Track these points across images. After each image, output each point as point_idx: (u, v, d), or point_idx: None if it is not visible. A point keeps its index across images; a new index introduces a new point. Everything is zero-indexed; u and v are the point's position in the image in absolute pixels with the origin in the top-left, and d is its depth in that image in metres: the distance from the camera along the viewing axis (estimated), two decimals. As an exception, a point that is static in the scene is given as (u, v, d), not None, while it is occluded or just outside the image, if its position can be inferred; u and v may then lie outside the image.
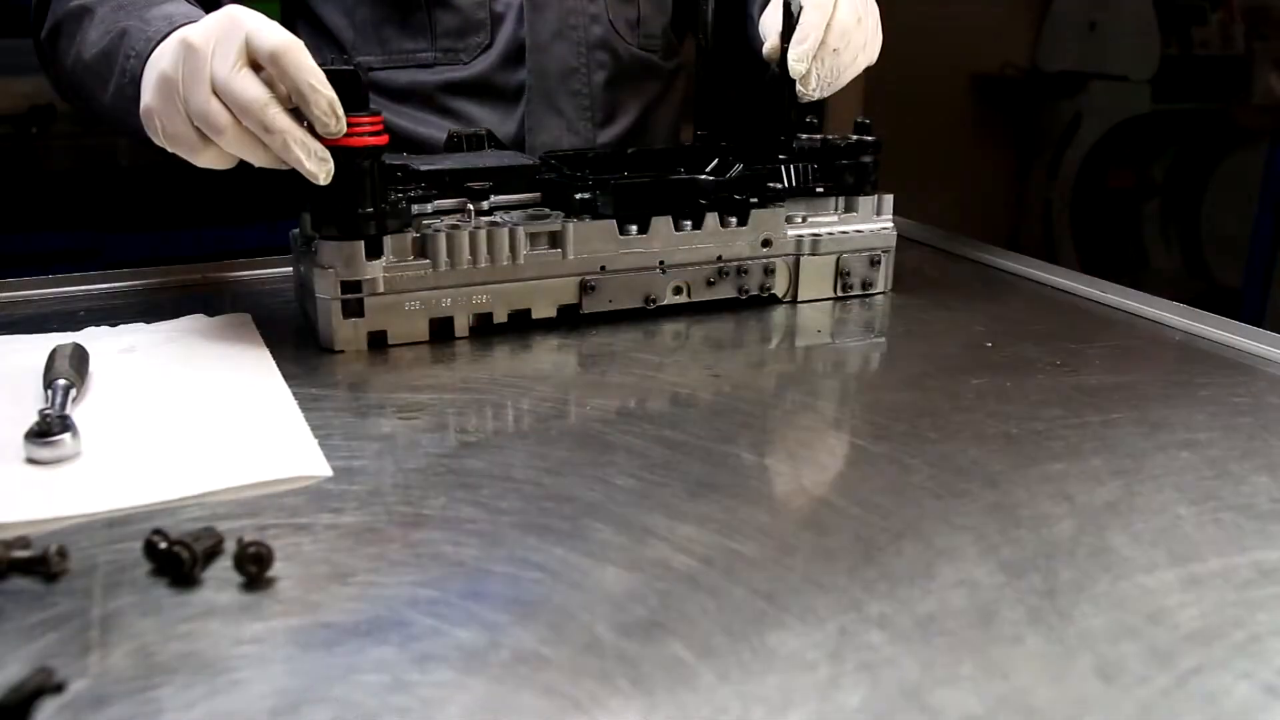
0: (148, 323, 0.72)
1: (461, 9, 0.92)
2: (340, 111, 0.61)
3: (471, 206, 0.74)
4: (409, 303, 0.69)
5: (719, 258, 0.77)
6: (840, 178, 0.81)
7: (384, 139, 0.65)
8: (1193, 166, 2.60)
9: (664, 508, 0.48)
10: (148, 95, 0.63)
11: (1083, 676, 0.37)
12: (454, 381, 0.64)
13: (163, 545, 0.42)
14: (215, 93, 0.59)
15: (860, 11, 0.79)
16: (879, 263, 0.83)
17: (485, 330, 0.72)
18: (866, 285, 0.83)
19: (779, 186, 0.78)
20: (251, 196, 1.63)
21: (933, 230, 1.04)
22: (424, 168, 0.73)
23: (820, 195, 0.81)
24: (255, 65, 0.60)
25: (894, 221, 0.84)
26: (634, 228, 0.75)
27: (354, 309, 0.68)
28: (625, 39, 0.98)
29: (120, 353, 0.66)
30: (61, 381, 0.57)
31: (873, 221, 0.83)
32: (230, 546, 0.43)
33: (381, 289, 0.68)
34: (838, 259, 0.81)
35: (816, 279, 0.81)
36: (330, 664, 0.37)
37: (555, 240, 0.72)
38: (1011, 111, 2.86)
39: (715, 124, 0.85)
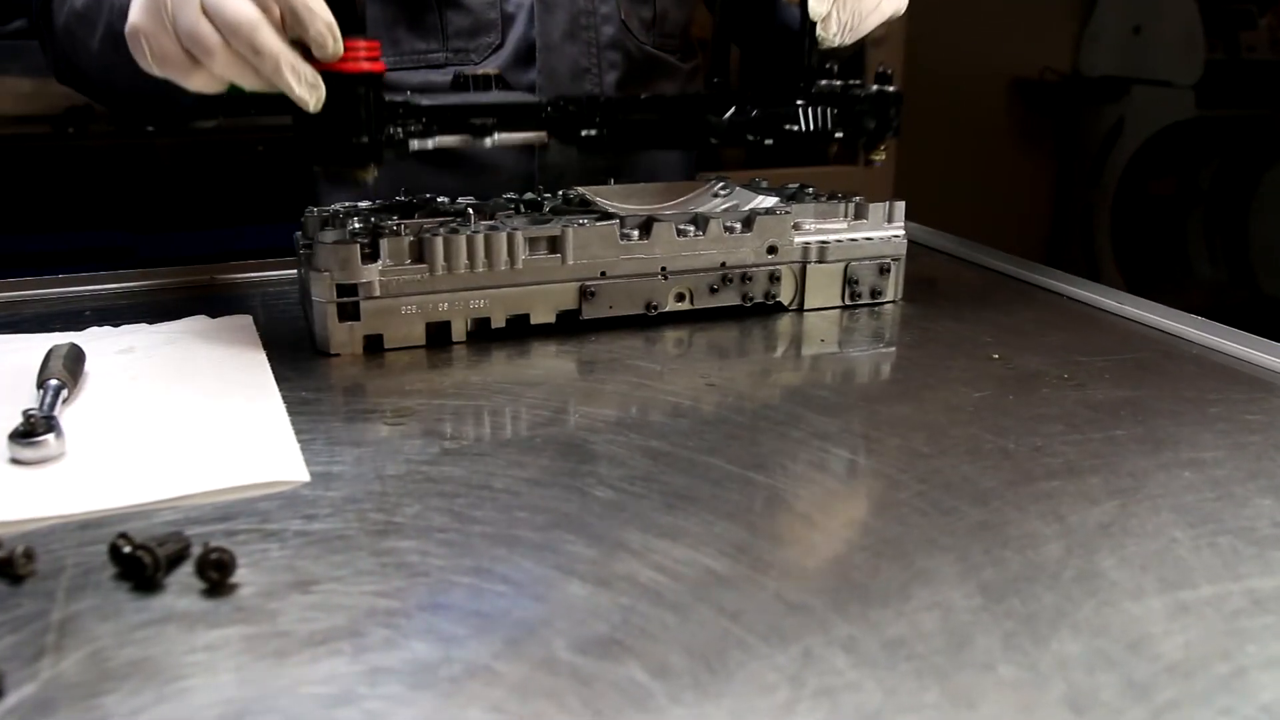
0: (151, 323, 0.73)
1: (473, 9, 0.92)
2: (337, 33, 0.59)
3: (472, 211, 0.73)
4: (405, 307, 0.68)
5: (722, 264, 0.76)
6: (859, 124, 0.77)
7: (380, 66, 0.62)
8: (1239, 174, 2.54)
9: (639, 520, 0.47)
10: (135, 13, 0.59)
11: (1052, 708, 0.36)
12: (446, 387, 0.64)
13: (127, 549, 0.42)
14: (205, 11, 0.57)
15: None
16: (889, 271, 0.81)
17: (484, 335, 0.71)
18: (876, 294, 0.81)
19: (796, 129, 0.75)
20: (284, 195, 1.64)
21: (949, 237, 1.02)
22: (426, 103, 0.68)
23: (836, 149, 0.79)
24: None
25: (907, 229, 0.82)
26: (635, 233, 0.74)
27: (350, 312, 0.67)
28: (638, 38, 0.97)
29: (118, 353, 0.67)
30: (53, 382, 0.58)
31: (883, 229, 0.81)
32: (198, 551, 0.43)
33: (378, 292, 0.67)
34: (846, 267, 0.79)
35: (824, 287, 0.80)
36: (280, 674, 0.37)
37: (554, 245, 0.71)
38: (1051, 117, 2.81)
39: (728, 71, 0.82)
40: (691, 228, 0.76)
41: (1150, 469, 0.53)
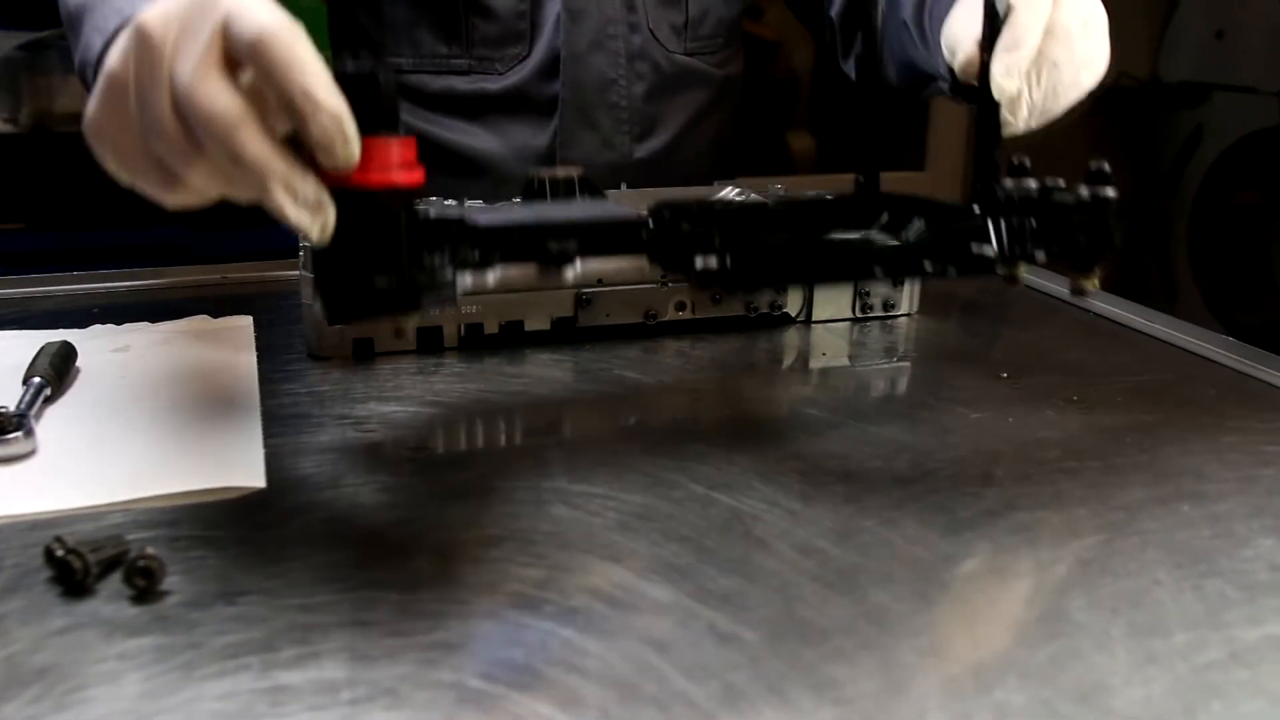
0: (153, 323, 0.73)
1: (502, 18, 0.90)
2: (351, 132, 0.41)
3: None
4: (396, 311, 0.68)
5: (726, 273, 0.74)
6: (1071, 241, 0.53)
7: (417, 176, 0.44)
8: (1326, 185, 2.42)
9: (587, 540, 0.46)
10: (93, 105, 0.44)
11: (979, 763, 0.33)
12: (426, 394, 0.63)
13: (59, 552, 0.42)
14: (176, 104, 0.41)
15: (1086, 12, 0.61)
16: (903, 282, 0.78)
17: (475, 342, 0.70)
18: (889, 306, 0.78)
19: (987, 252, 0.52)
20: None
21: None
22: (485, 221, 0.49)
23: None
24: (235, 62, 0.41)
25: (924, 240, 0.78)
26: (634, 240, 0.72)
27: (340, 315, 0.67)
28: (667, 46, 0.95)
29: (113, 352, 0.67)
30: (36, 380, 0.58)
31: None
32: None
33: (367, 297, 0.67)
34: (856, 277, 0.77)
35: (833, 298, 0.77)
36: (183, 688, 0.36)
37: (550, 251, 0.70)
38: (1127, 123, 2.71)
39: (878, 167, 0.60)
40: (693, 235, 0.74)
41: (1146, 501, 0.50)
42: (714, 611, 0.41)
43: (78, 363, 0.64)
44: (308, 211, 0.42)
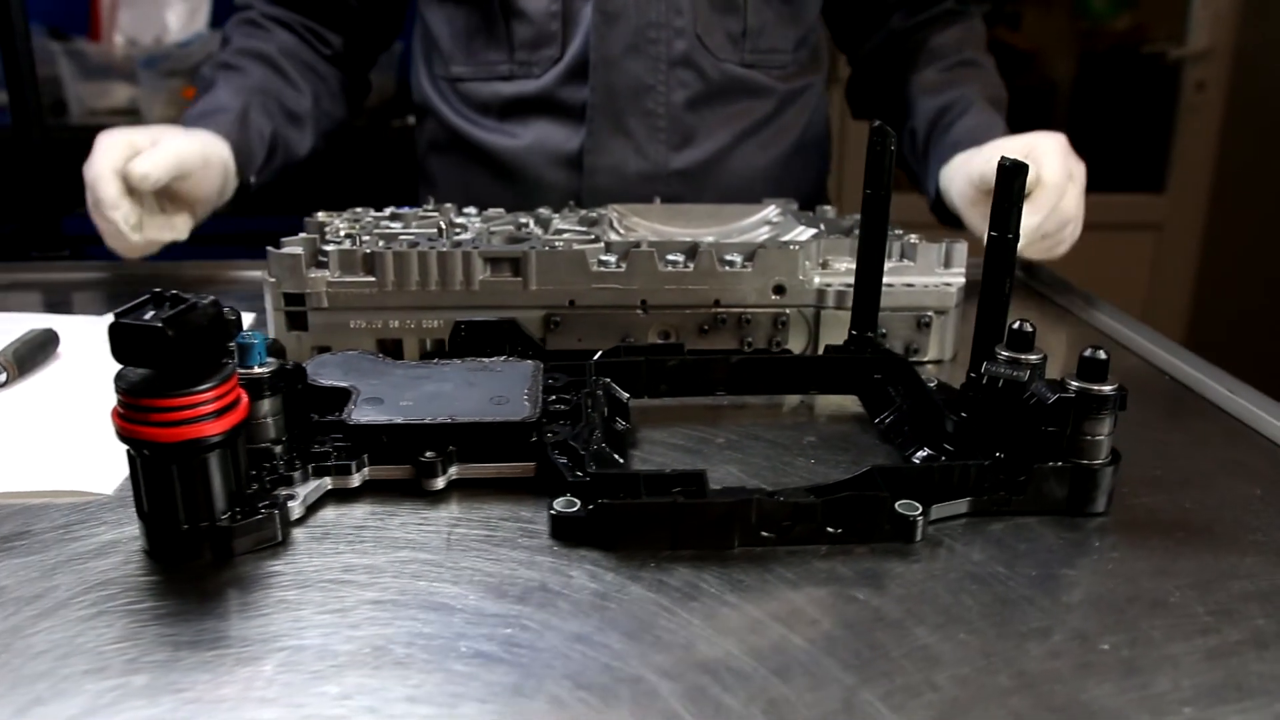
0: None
1: (535, 20, 0.88)
2: (121, 226, 0.75)
3: (443, 224, 0.70)
4: (354, 320, 0.66)
5: (716, 302, 0.67)
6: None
7: (223, 424, 0.42)
8: None
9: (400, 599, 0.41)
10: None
11: None
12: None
13: None
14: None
15: (1080, 193, 0.76)
16: (928, 324, 0.68)
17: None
18: (912, 351, 0.68)
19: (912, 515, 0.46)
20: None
21: (1045, 280, 0.84)
22: (357, 419, 0.49)
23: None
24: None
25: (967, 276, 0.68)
26: (612, 259, 0.67)
27: (298, 322, 0.66)
28: (717, 55, 0.88)
29: (96, 341, 0.69)
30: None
31: (933, 274, 0.68)
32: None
33: (325, 304, 0.65)
34: (873, 317, 0.67)
35: (843, 338, 0.68)
36: None
37: (517, 267, 0.66)
38: None
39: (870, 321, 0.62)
40: (681, 258, 0.67)
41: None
42: None
43: (59, 349, 0.67)
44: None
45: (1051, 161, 0.74)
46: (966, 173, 0.77)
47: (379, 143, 1.68)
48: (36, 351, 0.65)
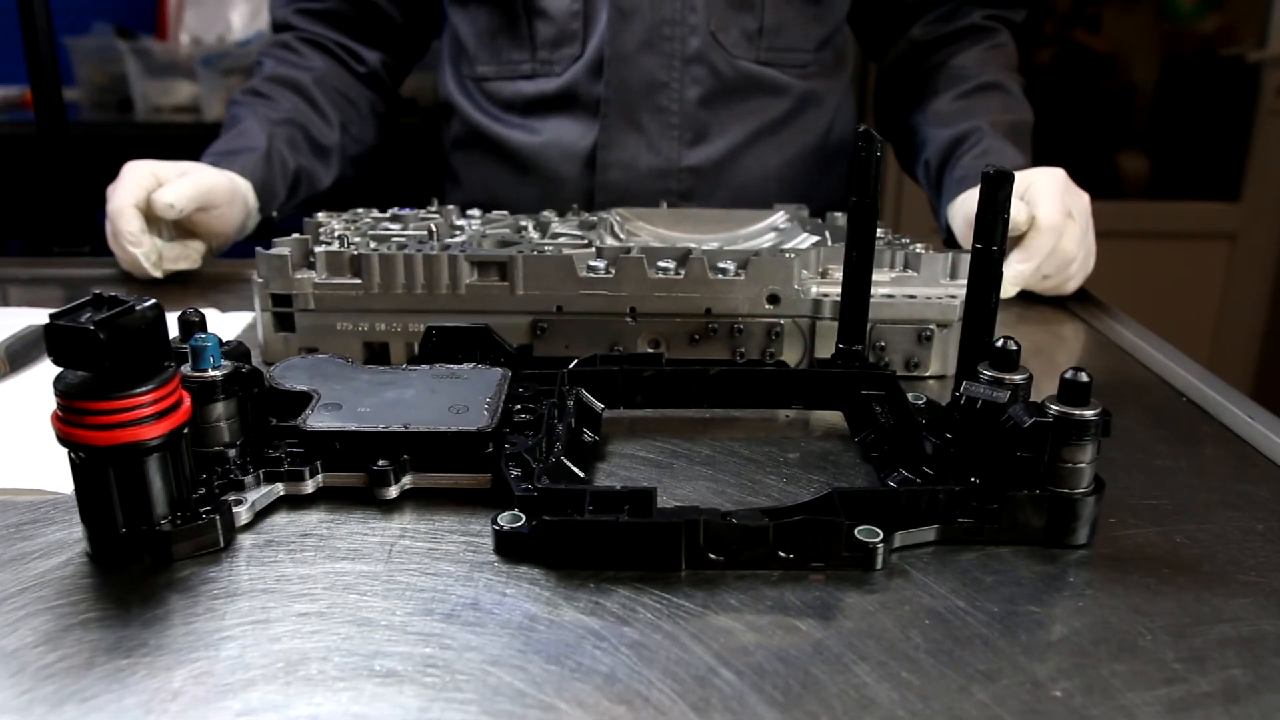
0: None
1: (556, 19, 0.87)
2: (131, 237, 0.78)
3: (434, 228, 0.69)
4: (340, 323, 0.66)
5: (707, 311, 0.65)
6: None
7: (162, 427, 0.42)
8: None
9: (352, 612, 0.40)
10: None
11: None
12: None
13: None
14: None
15: (1082, 232, 0.75)
16: (930, 338, 0.65)
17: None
18: (912, 366, 0.66)
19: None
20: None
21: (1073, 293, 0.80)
22: (311, 425, 0.48)
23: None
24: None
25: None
26: (601, 264, 0.65)
27: (285, 323, 0.66)
28: (733, 51, 0.86)
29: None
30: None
31: (937, 286, 0.65)
32: None
33: (312, 305, 0.65)
34: (871, 329, 0.65)
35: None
36: None
37: (504, 272, 0.65)
38: None
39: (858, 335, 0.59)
40: (672, 265, 0.65)
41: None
42: (322, 722, 0.34)
43: (55, 346, 0.68)
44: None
45: (1047, 204, 0.71)
46: (964, 212, 0.76)
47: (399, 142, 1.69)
48: (31, 348, 0.66)
